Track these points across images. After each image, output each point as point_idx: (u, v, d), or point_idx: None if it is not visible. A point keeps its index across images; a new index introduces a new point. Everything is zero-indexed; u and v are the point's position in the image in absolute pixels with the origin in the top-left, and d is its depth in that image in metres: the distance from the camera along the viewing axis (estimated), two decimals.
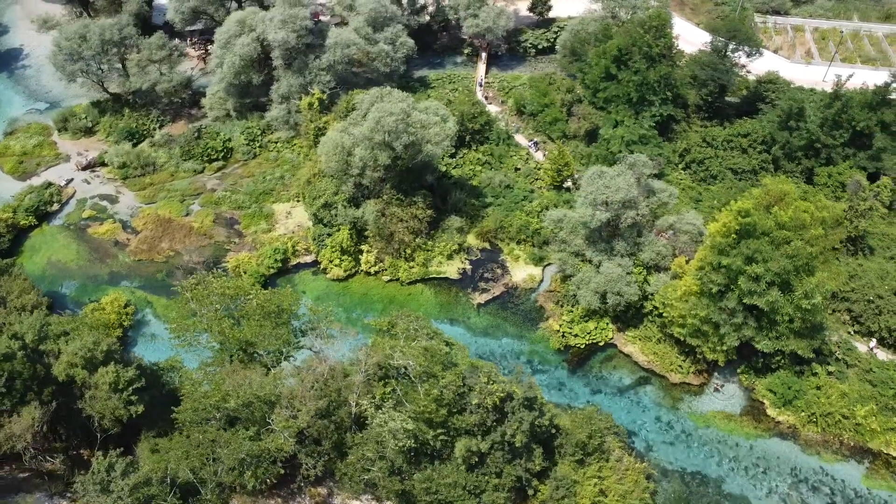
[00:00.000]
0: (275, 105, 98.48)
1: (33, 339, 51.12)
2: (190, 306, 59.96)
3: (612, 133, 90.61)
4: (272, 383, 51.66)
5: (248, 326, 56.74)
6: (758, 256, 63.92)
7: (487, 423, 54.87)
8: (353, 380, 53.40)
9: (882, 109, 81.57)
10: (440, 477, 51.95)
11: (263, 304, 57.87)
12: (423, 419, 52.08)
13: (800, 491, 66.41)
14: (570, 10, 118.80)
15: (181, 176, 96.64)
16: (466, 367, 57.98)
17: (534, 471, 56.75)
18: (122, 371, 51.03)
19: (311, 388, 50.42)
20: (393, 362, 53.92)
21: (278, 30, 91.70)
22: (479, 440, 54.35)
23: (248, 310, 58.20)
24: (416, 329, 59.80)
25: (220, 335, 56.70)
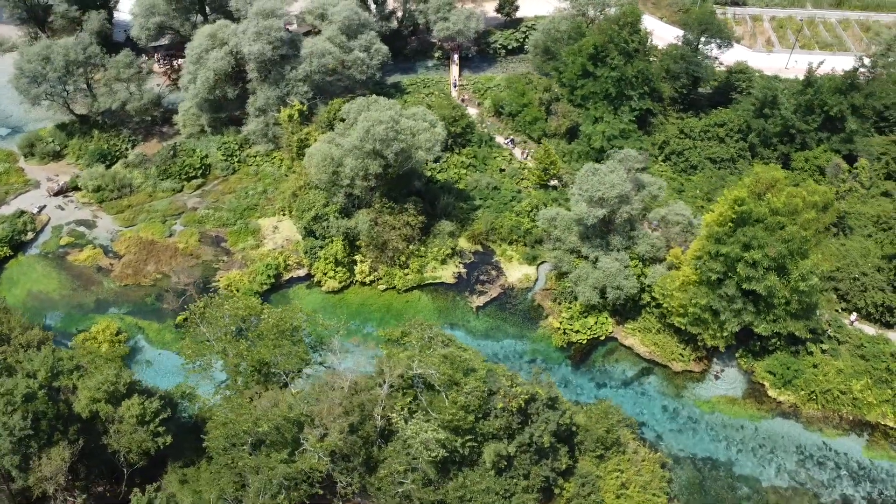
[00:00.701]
0: (252, 118, 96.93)
1: (46, 376, 49.24)
2: (200, 330, 58.60)
3: (593, 129, 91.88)
4: (300, 403, 50.90)
5: (264, 346, 55.77)
6: (754, 243, 65.69)
7: (513, 426, 55.16)
8: (376, 393, 53.01)
9: (852, 94, 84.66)
10: (473, 484, 52.01)
11: (278, 322, 56.93)
12: (451, 427, 52.05)
13: (806, 467, 68.43)
14: (537, 9, 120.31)
15: (160, 196, 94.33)
16: (485, 371, 58.05)
17: (560, 470, 57.26)
18: (147, 402, 49.60)
19: (340, 404, 49.84)
20: (415, 372, 53.65)
21: (253, 42, 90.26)
22: (506, 444, 54.59)
23: (263, 329, 57.18)
24: (430, 337, 59.66)
25: (237, 357, 55.58)
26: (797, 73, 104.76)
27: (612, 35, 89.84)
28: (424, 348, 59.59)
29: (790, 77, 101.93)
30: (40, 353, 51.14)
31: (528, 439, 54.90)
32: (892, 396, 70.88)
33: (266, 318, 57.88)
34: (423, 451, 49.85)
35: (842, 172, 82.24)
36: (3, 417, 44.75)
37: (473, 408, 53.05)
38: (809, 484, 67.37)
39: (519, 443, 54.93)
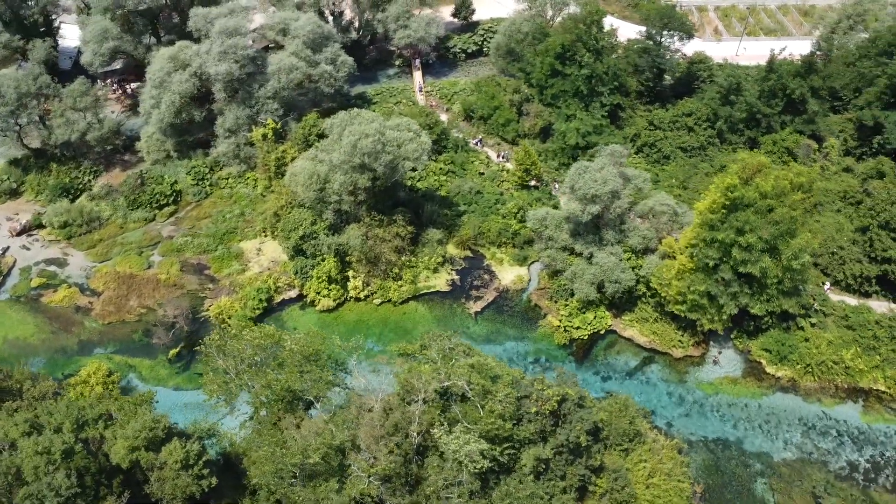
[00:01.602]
0: (221, 140, 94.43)
1: (72, 428, 46.67)
2: (218, 364, 56.72)
3: (567, 127, 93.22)
4: (341, 429, 49.83)
5: (290, 374, 54.39)
6: (747, 227, 67.94)
7: (546, 428, 55.51)
8: (412, 410, 52.45)
9: (811, 76, 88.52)
10: (517, 490, 52.08)
11: (302, 348, 55.61)
12: (489, 437, 52.01)
13: (811, 438, 71.24)
14: (491, 12, 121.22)
15: (132, 227, 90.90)
16: (511, 377, 58.24)
17: (594, 467, 57.96)
18: (189, 445, 47.58)
19: (382, 425, 49.09)
20: (446, 384, 53.34)
21: (218, 62, 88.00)
22: (542, 447, 54.91)
23: (286, 357, 55.73)
24: (450, 348, 59.43)
25: (265, 389, 54.02)
26: (748, 59, 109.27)
27: (580, 34, 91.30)
28: (446, 360, 59.34)
29: (742, 64, 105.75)
30: (60, 405, 48.48)
31: (563, 440, 55.39)
32: (880, 362, 74.48)
33: (288, 345, 56.42)
34: (468, 463, 49.64)
35: (813, 152, 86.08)
36: (47, 478, 42.14)
37: (508, 415, 53.16)
38: (816, 454, 70.15)
39: (554, 445, 55.35)
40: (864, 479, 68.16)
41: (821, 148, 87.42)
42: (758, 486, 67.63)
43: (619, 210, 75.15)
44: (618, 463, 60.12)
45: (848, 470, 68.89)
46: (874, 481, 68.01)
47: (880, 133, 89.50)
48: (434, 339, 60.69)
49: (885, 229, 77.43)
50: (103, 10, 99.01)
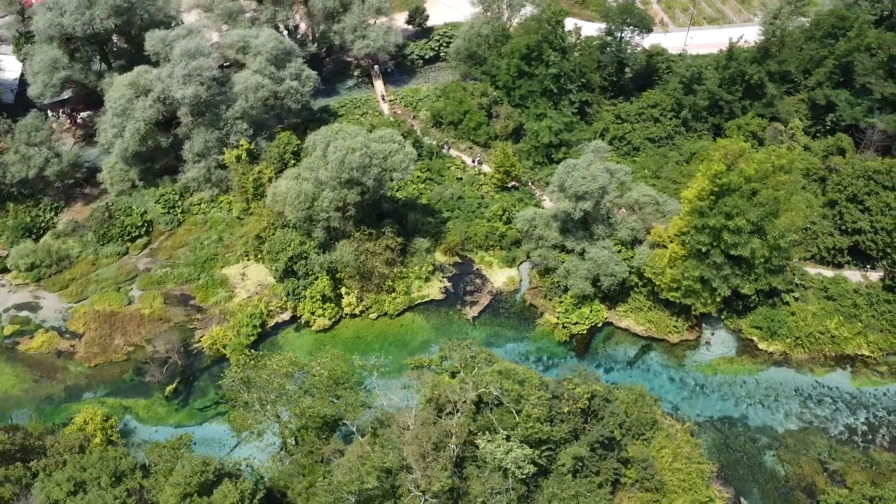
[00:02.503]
0: (190, 165, 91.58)
1: (110, 481, 44.31)
2: (243, 397, 55.00)
3: (539, 126, 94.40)
4: (388, 450, 49.08)
5: (320, 400, 53.21)
6: (735, 211, 70.43)
7: (578, 427, 56.22)
8: (449, 422, 52.18)
9: (767, 62, 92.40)
10: (562, 491, 52.54)
11: (330, 372, 54.48)
12: (530, 440, 52.33)
13: (809, 407, 74.47)
14: (444, 17, 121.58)
15: (104, 262, 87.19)
16: (537, 379, 58.71)
17: (625, 459, 59.05)
18: (241, 485, 45.84)
19: (429, 440, 48.63)
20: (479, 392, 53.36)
21: (184, 85, 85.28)
22: (578, 445, 55.57)
23: (315, 382, 54.45)
24: (472, 356, 59.44)
25: (299, 418, 52.65)
26: (695, 49, 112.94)
27: (545, 34, 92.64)
28: (468, 368, 59.38)
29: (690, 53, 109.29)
30: (92, 458, 45.99)
31: (597, 437, 56.23)
32: (862, 328, 78.48)
33: (317, 370, 55.15)
34: (514, 469, 49.82)
35: (780, 134, 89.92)
36: None
37: (544, 417, 53.58)
38: (816, 422, 73.37)
39: (589, 441, 56.13)
40: (863, 441, 71.68)
41: (786, 129, 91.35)
42: (767, 459, 70.20)
43: (610, 204, 76.65)
44: (643, 452, 61.40)
45: (847, 434, 72.32)
46: (872, 442, 71.62)
47: (833, 111, 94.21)
48: (454, 348, 60.56)
49: (852, 202, 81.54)
50: (48, 39, 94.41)
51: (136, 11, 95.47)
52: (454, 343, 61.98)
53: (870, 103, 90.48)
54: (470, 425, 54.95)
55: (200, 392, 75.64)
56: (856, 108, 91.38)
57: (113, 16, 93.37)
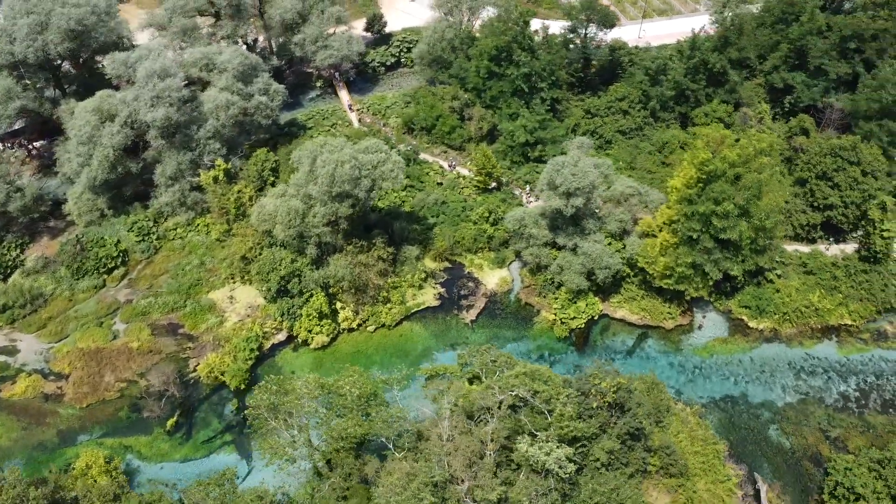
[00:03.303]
0: (163, 189, 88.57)
1: None
2: (270, 424, 53.44)
3: (514, 125, 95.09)
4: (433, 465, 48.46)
5: (353, 420, 52.18)
6: (722, 196, 72.59)
7: (606, 420, 56.95)
8: (486, 430, 52.02)
9: (727, 49, 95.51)
10: (601, 486, 53.08)
11: (361, 391, 53.46)
12: (566, 439, 52.70)
13: (803, 379, 77.40)
14: (403, 23, 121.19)
15: (81, 297, 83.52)
16: (560, 378, 59.13)
17: (652, 448, 60.09)
18: None
19: (472, 451, 48.33)
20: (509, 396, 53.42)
21: (153, 108, 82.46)
22: (608, 439, 56.29)
23: (346, 403, 53.31)
24: (493, 360, 59.41)
25: (337, 441, 51.38)
26: (649, 41, 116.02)
27: (514, 35, 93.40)
28: (490, 372, 59.41)
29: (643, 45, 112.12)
30: None
31: (626, 428, 57.07)
32: (843, 299, 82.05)
33: (347, 390, 54.00)
34: (557, 469, 50.07)
35: (749, 119, 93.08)
36: None
37: (576, 415, 54.06)
38: (811, 392, 76.31)
39: (619, 433, 56.92)
40: (857, 407, 74.97)
41: (755, 114, 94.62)
42: (772, 434, 72.63)
43: (600, 199, 77.88)
44: (665, 439, 62.64)
45: (842, 401, 75.48)
46: (865, 406, 74.98)
47: (790, 93, 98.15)
48: (473, 353, 60.44)
49: (822, 179, 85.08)
50: None
51: (91, 34, 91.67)
52: (472, 349, 61.81)
53: (825, 84, 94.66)
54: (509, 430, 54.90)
55: (202, 423, 73.30)
56: (812, 90, 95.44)
57: (67, 40, 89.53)
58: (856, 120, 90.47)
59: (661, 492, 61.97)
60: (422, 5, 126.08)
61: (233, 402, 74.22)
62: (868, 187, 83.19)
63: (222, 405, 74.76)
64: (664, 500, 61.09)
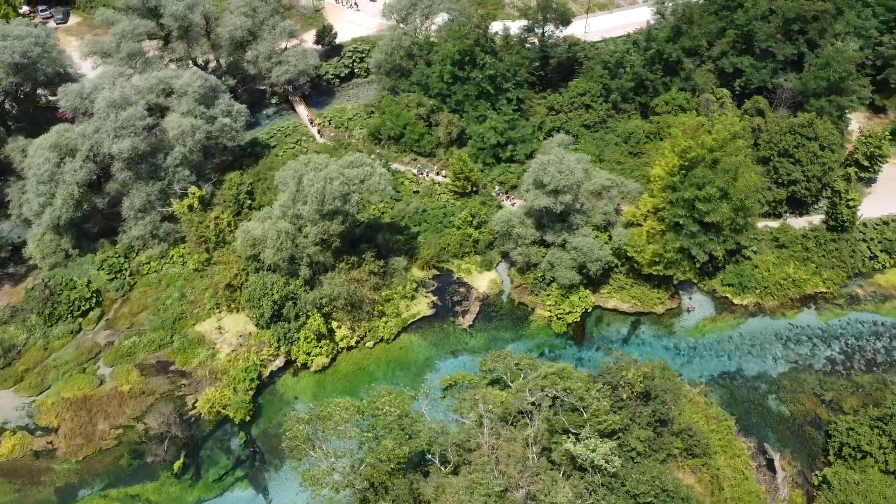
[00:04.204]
0: (132, 223, 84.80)
1: None
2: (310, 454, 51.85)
3: (483, 127, 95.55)
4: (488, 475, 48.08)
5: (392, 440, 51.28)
6: (704, 181, 75.10)
7: (634, 410, 58.04)
8: (528, 433, 52.08)
9: (680, 39, 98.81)
10: (642, 474, 53.95)
11: (399, 409, 52.49)
12: (603, 433, 53.40)
13: (790, 348, 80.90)
14: (352, 33, 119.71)
15: (58, 345, 79.10)
16: (585, 374, 59.86)
17: (677, 432, 61.53)
18: None
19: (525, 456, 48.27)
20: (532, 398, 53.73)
21: (117, 139, 78.87)
22: (640, 427, 57.34)
23: (387, 423, 52.21)
24: (516, 363, 59.59)
25: (387, 463, 50.23)
26: (596, 35, 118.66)
27: (476, 38, 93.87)
28: (514, 376, 59.62)
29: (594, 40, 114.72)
30: None
31: (655, 416, 58.26)
32: (816, 268, 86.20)
33: (386, 410, 52.93)
34: (603, 464, 50.69)
35: (711, 104, 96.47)
36: None
37: (609, 409, 54.88)
38: (800, 360, 79.85)
39: (649, 422, 58.07)
40: (844, 369, 78.94)
41: (716, 99, 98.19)
42: (771, 403, 75.65)
43: (587, 193, 79.23)
44: (686, 421, 64.24)
45: (829, 365, 79.32)
46: (851, 368, 79.01)
47: (739, 77, 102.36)
48: (495, 359, 60.47)
49: (784, 156, 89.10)
50: None
51: (36, 67, 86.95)
52: (494, 354, 61.87)
53: (773, 65, 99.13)
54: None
55: (210, 461, 70.72)
56: (762, 71, 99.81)
57: (10, 75, 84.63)
58: (806, 98, 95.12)
59: (686, 473, 63.58)
60: (367, 14, 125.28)
61: (240, 435, 71.90)
62: (827, 160, 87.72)
63: (228, 440, 72.28)
64: (689, 481, 62.65)
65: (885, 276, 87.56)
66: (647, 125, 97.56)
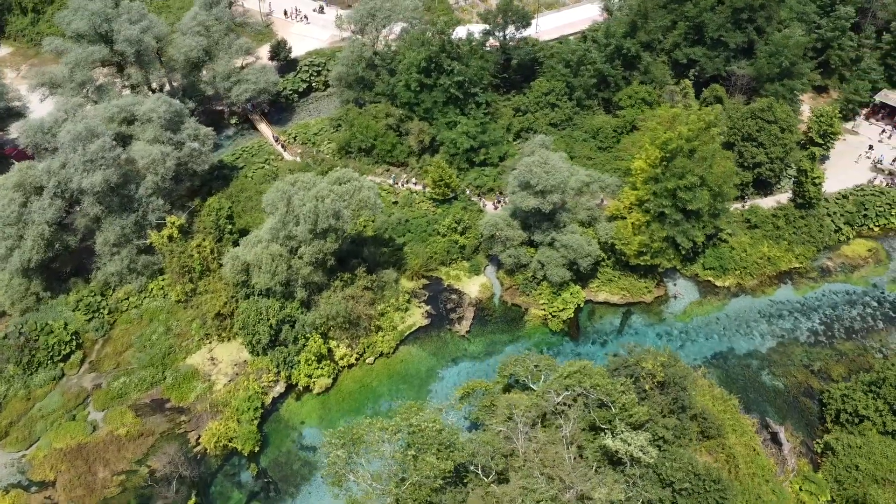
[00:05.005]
0: (107, 258, 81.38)
1: None
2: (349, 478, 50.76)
3: (455, 133, 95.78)
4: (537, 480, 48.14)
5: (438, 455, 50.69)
6: (684, 171, 77.44)
7: (656, 399, 59.32)
8: (563, 434, 52.49)
9: (636, 34, 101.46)
10: (675, 462, 55.11)
11: (439, 428, 51.90)
12: (634, 426, 54.38)
13: (774, 324, 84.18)
14: (306, 46, 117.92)
15: (41, 394, 75.26)
16: (604, 369, 60.81)
17: (692, 416, 63.15)
18: None
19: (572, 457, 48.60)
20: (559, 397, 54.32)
21: (86, 173, 75.53)
22: (662, 416, 58.64)
23: (425, 441, 51.47)
24: (536, 366, 60.01)
25: (434, 480, 49.48)
26: (547, 34, 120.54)
27: (442, 44, 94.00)
28: (535, 378, 60.09)
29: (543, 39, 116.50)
30: None
31: (678, 403, 59.68)
32: (788, 245, 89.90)
33: (426, 425, 52.20)
34: (641, 455, 51.64)
35: (676, 95, 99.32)
36: None
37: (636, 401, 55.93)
38: (785, 334, 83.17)
39: (670, 409, 59.45)
40: (826, 339, 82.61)
41: (679, 90, 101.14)
42: (765, 379, 78.55)
43: (573, 191, 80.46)
44: (700, 403, 65.93)
45: (812, 336, 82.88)
46: (833, 337, 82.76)
47: (693, 66, 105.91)
48: (513, 363, 60.73)
49: (747, 140, 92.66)
50: None
51: None
52: (511, 359, 62.18)
53: (726, 54, 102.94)
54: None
55: (222, 497, 68.56)
56: (715, 60, 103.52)
57: None
58: (761, 83, 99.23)
59: (703, 454, 65.33)
60: (318, 27, 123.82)
61: (250, 467, 69.98)
62: (788, 141, 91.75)
63: (238, 473, 70.25)
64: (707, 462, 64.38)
65: (851, 247, 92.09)
66: (613, 120, 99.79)
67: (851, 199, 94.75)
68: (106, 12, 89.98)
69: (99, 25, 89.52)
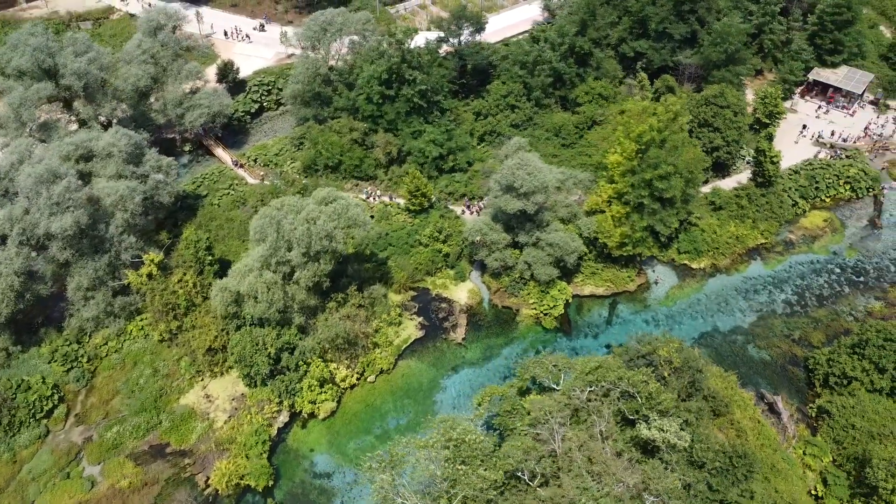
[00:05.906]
0: (81, 304, 77.33)
1: None
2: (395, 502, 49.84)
3: (423, 142, 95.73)
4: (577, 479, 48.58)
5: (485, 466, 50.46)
6: (658, 161, 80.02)
7: (674, 384, 61.07)
8: (596, 431, 53.27)
9: (587, 32, 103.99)
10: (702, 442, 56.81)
11: (479, 438, 51.59)
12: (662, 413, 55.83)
13: (751, 299, 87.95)
14: (252, 66, 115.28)
15: (28, 455, 70.88)
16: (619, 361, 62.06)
17: (708, 395, 65.26)
18: None
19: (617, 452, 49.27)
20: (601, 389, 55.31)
21: (54, 216, 71.62)
22: (682, 400, 60.37)
23: (470, 454, 51.01)
24: (554, 365, 60.70)
25: (485, 492, 49.07)
26: (490, 36, 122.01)
27: (402, 54, 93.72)
28: (554, 378, 60.87)
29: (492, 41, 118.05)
30: None
31: (691, 386, 61.54)
32: (753, 223, 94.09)
33: (472, 438, 51.77)
34: (676, 441, 53.05)
35: (634, 88, 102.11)
36: None
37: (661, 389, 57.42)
38: (763, 308, 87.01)
39: (688, 392, 61.26)
40: (801, 308, 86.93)
41: (637, 83, 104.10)
42: (752, 353, 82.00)
43: (555, 190, 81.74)
44: (712, 386, 68.03)
45: (788, 307, 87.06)
46: (806, 306, 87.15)
47: (640, 59, 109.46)
48: (533, 365, 61.25)
49: (704, 126, 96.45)
50: None
51: None
52: (529, 361, 62.72)
53: (671, 45, 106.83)
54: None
55: None
56: (661, 52, 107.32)
57: None
58: (708, 70, 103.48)
59: (715, 431, 67.54)
60: (261, 45, 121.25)
61: (268, 503, 67.76)
62: (741, 124, 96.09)
63: None
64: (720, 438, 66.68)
65: (808, 219, 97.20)
66: (574, 117, 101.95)
67: (803, 173, 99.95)
68: (48, 46, 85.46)
69: (43, 61, 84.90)
